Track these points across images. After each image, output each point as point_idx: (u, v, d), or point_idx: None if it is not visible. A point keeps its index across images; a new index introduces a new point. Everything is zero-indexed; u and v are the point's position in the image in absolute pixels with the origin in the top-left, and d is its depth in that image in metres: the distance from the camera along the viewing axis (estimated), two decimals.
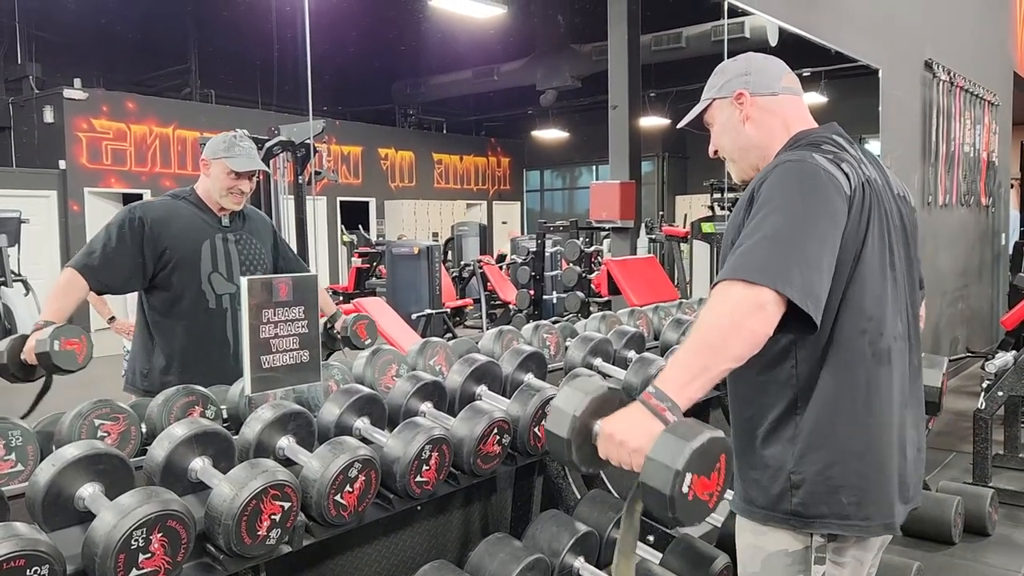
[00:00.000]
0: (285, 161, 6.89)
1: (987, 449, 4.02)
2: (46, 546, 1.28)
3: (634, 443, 1.25)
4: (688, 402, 1.27)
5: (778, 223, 1.33)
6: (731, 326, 1.27)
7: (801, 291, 1.28)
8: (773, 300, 1.27)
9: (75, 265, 2.37)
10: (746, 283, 1.27)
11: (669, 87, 12.57)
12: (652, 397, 1.27)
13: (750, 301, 1.27)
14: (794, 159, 1.42)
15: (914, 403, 1.52)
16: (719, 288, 1.31)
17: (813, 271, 1.30)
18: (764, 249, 1.30)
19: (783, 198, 1.36)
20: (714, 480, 1.21)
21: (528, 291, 7.63)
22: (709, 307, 1.30)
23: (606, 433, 1.30)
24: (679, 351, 1.32)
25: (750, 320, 1.26)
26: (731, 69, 1.63)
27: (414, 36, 12.17)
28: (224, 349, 2.49)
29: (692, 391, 1.27)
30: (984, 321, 7.81)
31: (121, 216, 2.47)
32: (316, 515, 1.68)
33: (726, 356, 1.27)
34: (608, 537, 2.32)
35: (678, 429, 1.21)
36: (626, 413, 1.30)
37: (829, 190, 1.37)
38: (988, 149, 7.35)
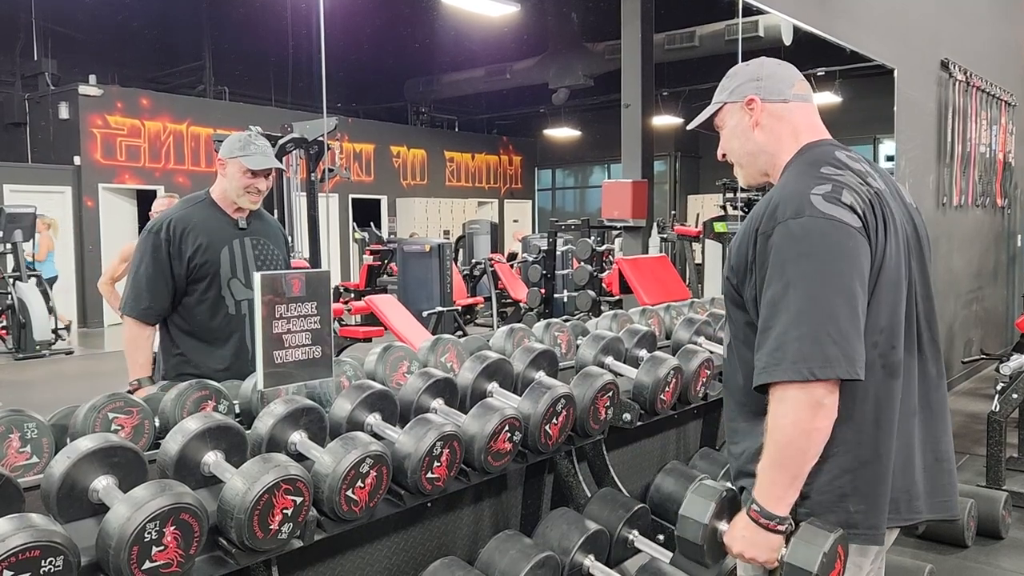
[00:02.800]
0: (298, 158, 6.92)
1: (1001, 452, 3.99)
2: (61, 537, 1.29)
3: (762, 559, 1.42)
4: (787, 508, 1.40)
5: (800, 300, 1.34)
6: (802, 436, 1.35)
7: (846, 366, 1.32)
8: (827, 390, 1.33)
9: (133, 315, 2.48)
10: (798, 385, 1.32)
11: (682, 86, 12.54)
12: (760, 516, 1.40)
13: (807, 403, 1.33)
14: (793, 215, 1.38)
15: (930, 411, 1.51)
16: (774, 396, 1.36)
17: (849, 338, 1.32)
18: (795, 336, 1.33)
19: (796, 268, 1.36)
20: (837, 568, 1.40)
21: (539, 289, 7.62)
22: (773, 420, 1.37)
23: (735, 552, 1.47)
24: (768, 467, 1.40)
25: (815, 422, 1.34)
26: (743, 73, 1.62)
27: (427, 34, 12.19)
28: (243, 355, 2.50)
29: (789, 499, 1.40)
30: (999, 323, 7.75)
31: (147, 240, 2.49)
32: (327, 510, 1.68)
33: (807, 460, 1.38)
34: (618, 535, 2.32)
35: (806, 535, 1.39)
36: (745, 530, 1.43)
37: (840, 237, 1.36)
38: (1004, 150, 7.28)
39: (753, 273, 1.43)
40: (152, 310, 2.47)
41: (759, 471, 1.41)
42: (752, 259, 1.43)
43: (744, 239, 1.47)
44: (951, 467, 1.54)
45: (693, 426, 3.23)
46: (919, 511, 1.48)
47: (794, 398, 1.33)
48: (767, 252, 1.40)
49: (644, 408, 2.51)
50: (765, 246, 1.40)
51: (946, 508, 1.52)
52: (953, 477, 1.54)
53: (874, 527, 1.42)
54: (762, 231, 1.42)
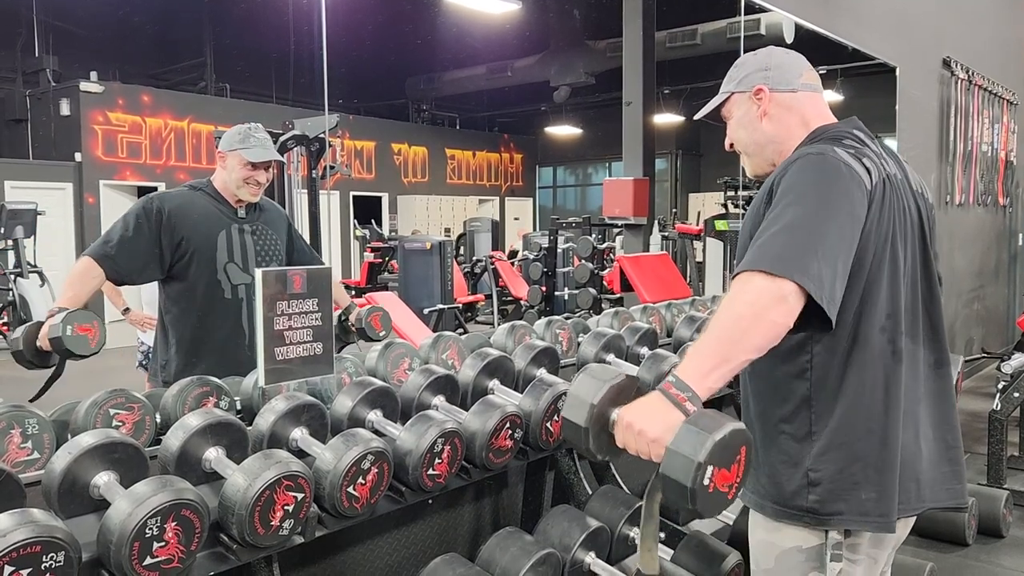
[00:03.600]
0: (299, 155, 6.91)
1: (1002, 451, 3.98)
2: (62, 533, 1.29)
3: (653, 433, 1.23)
4: (708, 392, 1.26)
5: (798, 214, 1.33)
6: (752, 317, 1.26)
7: (818, 284, 1.27)
8: (794, 292, 1.26)
9: (92, 253, 2.37)
10: (767, 274, 1.26)
11: (684, 84, 12.53)
12: (672, 387, 1.26)
13: (771, 292, 1.26)
14: (815, 152, 1.41)
15: (936, 399, 1.51)
16: (740, 279, 1.30)
17: (830, 265, 1.30)
18: (784, 240, 1.30)
19: (803, 189, 1.36)
20: (734, 472, 1.20)
21: (540, 287, 7.62)
22: (730, 298, 1.29)
23: (625, 422, 1.28)
24: (699, 341, 1.31)
25: (771, 311, 1.26)
26: (751, 63, 1.61)
27: (429, 31, 12.17)
28: (239, 339, 2.51)
29: (712, 381, 1.26)
30: (1000, 322, 7.75)
31: (139, 205, 2.48)
32: (329, 506, 1.68)
33: (747, 347, 1.26)
34: (619, 532, 2.32)
35: (700, 420, 1.20)
36: (645, 402, 1.28)
37: (850, 184, 1.36)
38: (1006, 148, 7.27)
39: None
40: (112, 261, 2.36)
41: (690, 349, 1.33)
42: (768, 204, 1.41)
43: (760, 197, 1.45)
44: (958, 455, 1.54)
45: None
46: (926, 500, 1.47)
47: (760, 283, 1.26)
48: (781, 182, 1.39)
49: None
50: (781, 181, 1.40)
51: (954, 496, 1.51)
52: (960, 465, 1.53)
53: (885, 514, 1.41)
54: (779, 173, 1.42)
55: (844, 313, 1.37)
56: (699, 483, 1.15)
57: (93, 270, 2.35)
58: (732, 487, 1.20)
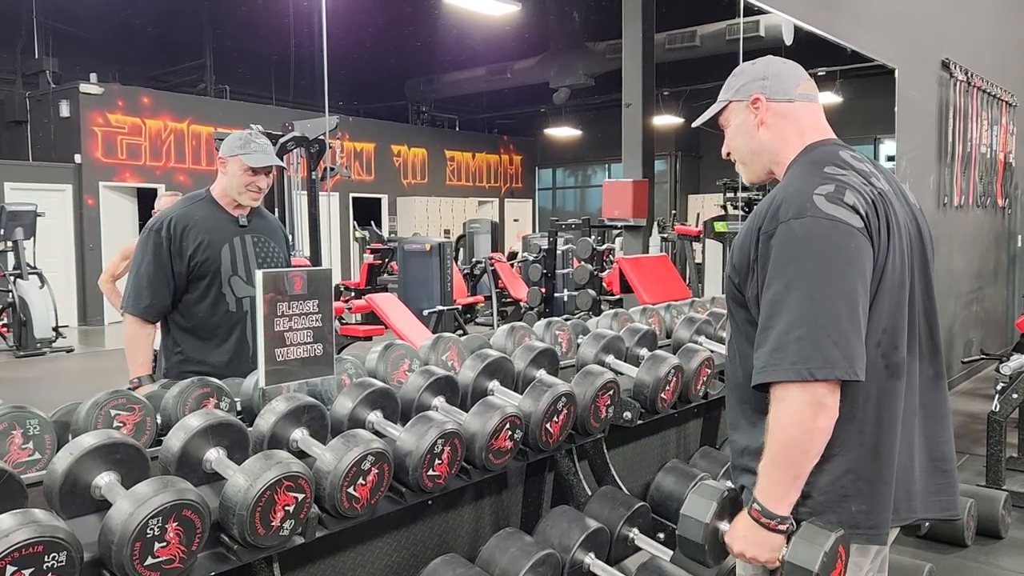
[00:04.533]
0: (299, 157, 6.92)
1: (1001, 452, 3.99)
2: (64, 533, 1.30)
3: (763, 559, 1.42)
4: (789, 507, 1.40)
5: (801, 300, 1.34)
6: (804, 435, 1.35)
7: (846, 367, 1.32)
8: (827, 391, 1.33)
9: (134, 312, 2.48)
10: (799, 385, 1.33)
11: (683, 86, 12.55)
12: (761, 516, 1.40)
13: (808, 403, 1.33)
14: (795, 214, 1.38)
15: (931, 412, 1.52)
16: (775, 396, 1.36)
17: (849, 339, 1.33)
18: (796, 337, 1.33)
19: (797, 269, 1.36)
20: (839, 568, 1.40)
21: (539, 288, 7.63)
22: (775, 420, 1.37)
23: (736, 551, 1.46)
24: (769, 466, 1.40)
25: (816, 421, 1.34)
26: (749, 72, 1.61)
27: (428, 33, 12.20)
28: (243, 353, 2.51)
29: (791, 498, 1.40)
30: (999, 323, 7.76)
31: (149, 242, 2.49)
32: (329, 507, 1.69)
33: (809, 459, 1.38)
34: (619, 533, 2.32)
35: (807, 533, 1.39)
36: (746, 530, 1.43)
37: (842, 240, 1.36)
38: (1005, 150, 7.28)
39: (755, 272, 1.44)
40: (153, 308, 2.48)
41: (760, 470, 1.41)
42: (754, 258, 1.44)
43: (747, 238, 1.47)
44: (951, 467, 1.54)
45: (694, 425, 3.23)
46: (916, 511, 1.48)
47: (795, 398, 1.33)
48: (769, 252, 1.40)
49: (645, 407, 2.52)
50: (767, 246, 1.40)
51: (945, 508, 1.52)
52: (953, 477, 1.54)
53: (876, 527, 1.42)
54: (764, 230, 1.42)
55: None
56: None
57: (145, 329, 2.50)
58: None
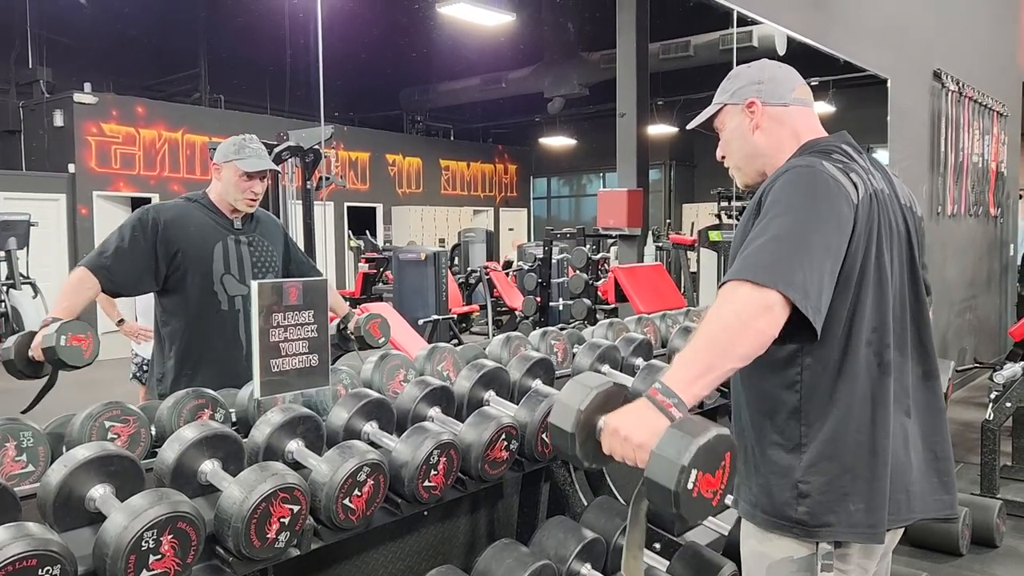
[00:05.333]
0: (294, 166, 6.92)
1: (995, 460, 4.00)
2: (58, 546, 1.29)
3: (639, 438, 1.25)
4: (694, 399, 1.28)
5: (784, 225, 1.34)
6: (738, 325, 1.27)
7: (803, 294, 1.29)
8: (779, 302, 1.28)
9: (87, 264, 2.37)
10: (753, 284, 1.28)
11: (677, 95, 12.59)
12: (658, 393, 1.27)
13: (757, 301, 1.28)
14: (803, 164, 1.43)
15: (924, 411, 1.52)
16: (726, 288, 1.32)
17: (816, 276, 1.31)
18: (770, 250, 1.32)
19: (790, 201, 1.38)
20: (719, 477, 1.20)
21: (535, 298, 7.63)
22: (716, 307, 1.31)
23: (611, 428, 1.29)
24: (685, 349, 1.32)
25: (757, 320, 1.27)
26: (745, 75, 1.63)
27: (423, 43, 12.23)
28: (236, 351, 2.50)
29: (698, 388, 1.28)
30: (992, 332, 7.78)
31: (134, 217, 2.48)
32: (325, 519, 1.68)
33: (733, 355, 1.28)
34: (615, 544, 2.32)
35: (684, 425, 1.20)
36: (631, 408, 1.30)
37: (837, 197, 1.38)
38: (997, 160, 7.33)
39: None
40: (107, 272, 2.36)
41: (676, 356, 1.34)
42: (757, 214, 1.43)
43: (750, 209, 1.47)
44: (948, 466, 1.54)
45: None
46: (916, 511, 1.48)
47: (746, 293, 1.28)
48: (769, 193, 1.41)
49: None
50: (768, 192, 1.42)
51: (944, 506, 1.52)
52: (950, 476, 1.54)
53: (874, 525, 1.42)
54: (767, 185, 1.44)
55: (833, 326, 1.39)
56: (683, 487, 1.16)
57: (88, 281, 2.34)
58: (717, 493, 1.21)
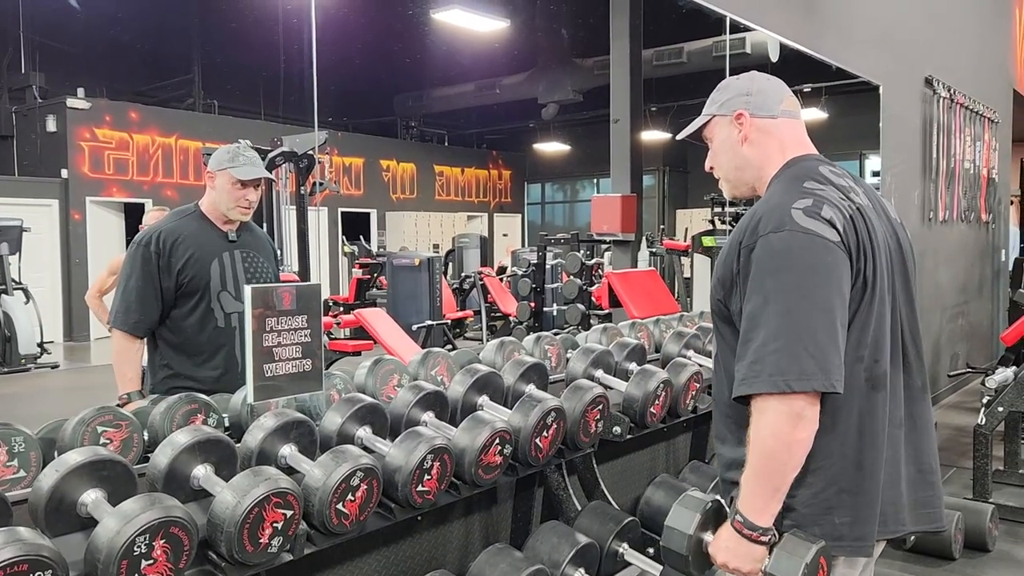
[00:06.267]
0: (288, 172, 6.92)
1: (987, 465, 4.01)
2: (49, 551, 1.28)
3: (746, 569, 1.43)
4: (772, 518, 1.41)
5: (778, 314, 1.36)
6: (783, 447, 1.36)
7: (823, 379, 1.33)
8: (806, 403, 1.34)
9: (123, 327, 2.46)
10: (778, 397, 1.33)
11: (670, 101, 12.64)
12: (744, 528, 1.41)
13: (787, 415, 1.34)
14: (774, 228, 1.40)
15: (915, 424, 1.53)
16: (755, 408, 1.37)
17: (826, 351, 1.33)
18: (773, 350, 1.34)
19: (775, 282, 1.38)
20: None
21: (529, 303, 7.63)
22: (755, 432, 1.38)
23: (720, 562, 1.47)
24: (750, 478, 1.40)
25: (795, 433, 1.35)
26: (733, 87, 1.64)
27: (417, 49, 12.24)
28: (233, 368, 2.49)
29: (773, 509, 1.41)
30: (984, 337, 7.82)
31: (138, 255, 2.47)
32: (318, 524, 1.68)
33: (789, 471, 1.39)
34: (608, 548, 2.32)
35: (788, 546, 1.41)
36: (729, 541, 1.44)
37: (819, 253, 1.37)
38: (988, 166, 7.38)
39: (738, 286, 1.45)
40: (142, 323, 2.46)
41: (742, 483, 1.42)
42: (736, 271, 1.45)
43: (729, 253, 1.49)
44: (936, 479, 1.55)
45: (683, 439, 3.23)
46: (905, 523, 1.49)
47: (774, 410, 1.34)
48: (749, 265, 1.42)
49: (634, 421, 2.52)
50: (748, 259, 1.42)
51: (931, 520, 1.53)
52: (938, 489, 1.55)
53: (860, 538, 1.43)
54: (745, 244, 1.44)
55: None
56: None
57: (133, 344, 2.48)
58: None
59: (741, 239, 1.45)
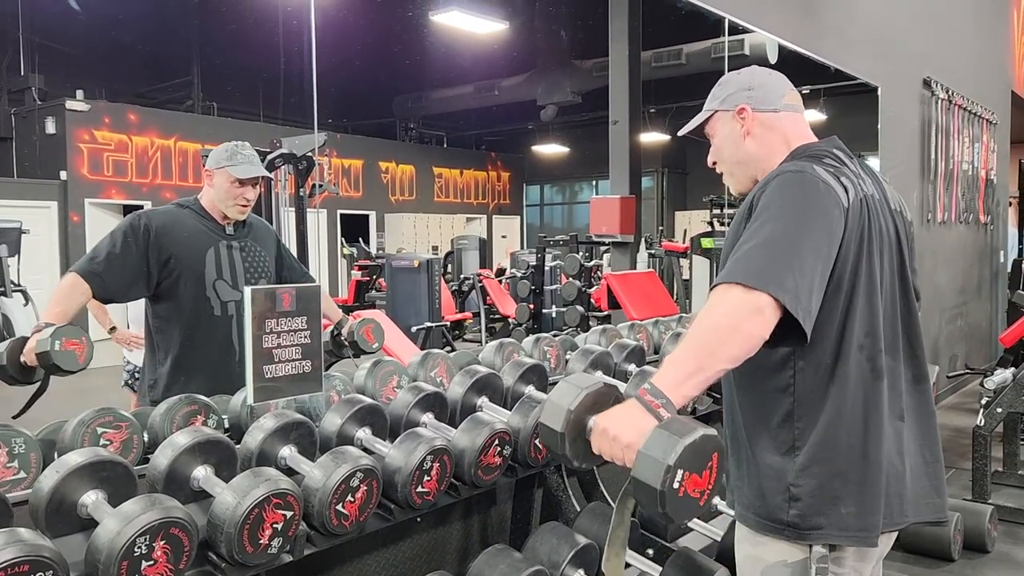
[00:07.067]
0: (287, 174, 6.92)
1: (986, 466, 4.02)
2: (50, 552, 1.29)
3: (627, 438, 1.26)
4: (683, 399, 1.29)
5: (775, 229, 1.36)
6: (728, 328, 1.29)
7: (794, 297, 1.30)
8: (770, 304, 1.30)
9: (78, 269, 2.35)
10: (744, 287, 1.30)
11: (669, 103, 12.64)
12: (647, 393, 1.29)
13: (748, 304, 1.29)
14: (793, 169, 1.44)
15: (917, 415, 1.53)
16: (717, 291, 1.33)
17: (806, 280, 1.33)
18: (761, 254, 1.33)
19: (781, 206, 1.39)
20: (706, 478, 1.21)
21: (528, 305, 7.63)
22: (707, 309, 1.33)
23: (600, 428, 1.31)
24: (676, 350, 1.33)
25: (747, 323, 1.29)
26: (735, 82, 1.64)
27: (417, 50, 12.24)
28: (229, 356, 2.49)
29: (687, 389, 1.29)
30: (983, 338, 7.82)
31: (126, 222, 2.47)
32: (318, 524, 1.68)
33: (722, 357, 1.30)
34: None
35: (671, 425, 1.22)
36: (620, 409, 1.32)
37: (827, 201, 1.40)
38: (986, 167, 7.38)
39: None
40: (100, 278, 2.34)
41: (665, 360, 1.35)
42: (748, 218, 1.44)
43: (740, 217, 1.48)
44: (939, 469, 1.55)
45: None
46: (909, 515, 1.49)
47: (737, 296, 1.30)
48: (760, 197, 1.42)
49: None
50: (760, 195, 1.43)
51: (934, 510, 1.53)
52: (941, 479, 1.55)
53: (866, 529, 1.42)
54: (759, 189, 1.45)
55: (825, 330, 1.40)
56: (669, 486, 1.17)
57: (80, 286, 2.33)
58: (704, 493, 1.22)
59: (754, 195, 1.45)
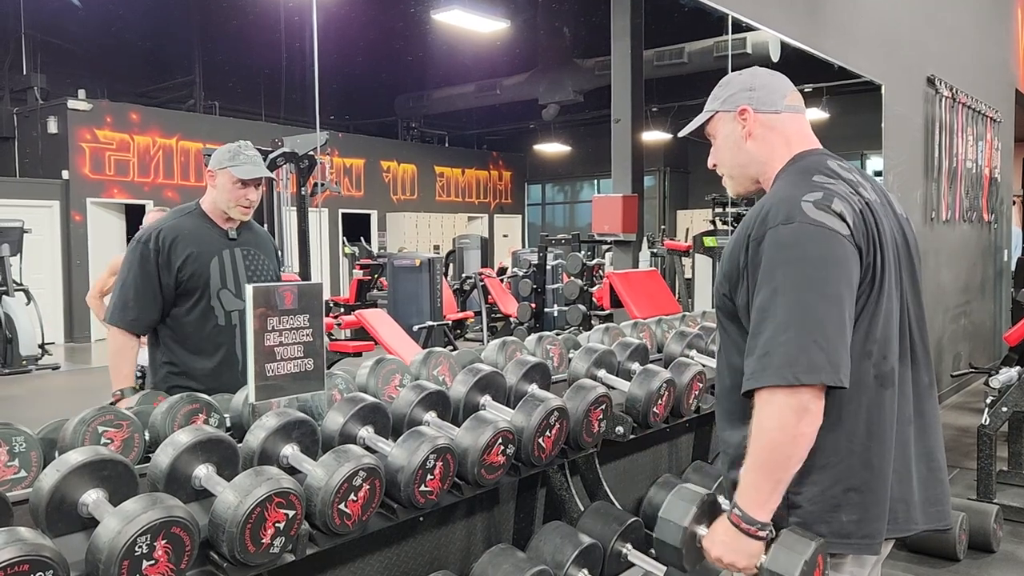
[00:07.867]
0: (289, 173, 6.92)
1: (991, 465, 4.00)
2: (50, 551, 1.27)
3: (742, 564, 1.42)
4: (770, 514, 1.39)
5: (788, 304, 1.35)
6: (787, 441, 1.35)
7: (831, 372, 1.32)
8: (812, 396, 1.32)
9: (119, 323, 2.45)
10: (784, 389, 1.32)
11: (671, 102, 12.62)
12: (742, 522, 1.40)
13: (793, 408, 1.33)
14: (784, 220, 1.39)
15: (923, 421, 1.51)
16: (760, 400, 1.36)
17: (832, 343, 1.32)
18: (784, 341, 1.33)
19: (785, 274, 1.36)
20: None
21: (529, 304, 7.63)
22: (759, 425, 1.36)
23: (713, 556, 1.46)
24: (750, 471, 1.39)
25: (800, 426, 1.34)
26: (736, 83, 1.63)
27: (418, 50, 12.25)
28: (233, 367, 2.48)
29: (771, 504, 1.39)
30: (987, 337, 7.80)
31: (136, 253, 2.46)
32: (320, 524, 1.67)
33: (791, 465, 1.37)
34: (612, 549, 2.31)
35: (786, 541, 1.39)
36: (725, 535, 1.43)
37: (828, 245, 1.36)
38: (990, 165, 7.36)
39: (745, 279, 1.44)
40: (139, 321, 2.45)
41: (742, 476, 1.40)
42: (744, 264, 1.44)
43: (736, 245, 1.47)
44: (944, 476, 1.54)
45: (686, 439, 3.22)
46: (916, 521, 1.47)
47: (780, 403, 1.33)
48: (758, 258, 1.40)
49: (637, 421, 2.51)
50: (756, 252, 1.41)
51: (940, 517, 1.52)
52: (946, 486, 1.54)
53: (868, 536, 1.41)
54: (754, 237, 1.42)
55: None
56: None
57: (129, 341, 2.46)
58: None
59: (749, 232, 1.43)
